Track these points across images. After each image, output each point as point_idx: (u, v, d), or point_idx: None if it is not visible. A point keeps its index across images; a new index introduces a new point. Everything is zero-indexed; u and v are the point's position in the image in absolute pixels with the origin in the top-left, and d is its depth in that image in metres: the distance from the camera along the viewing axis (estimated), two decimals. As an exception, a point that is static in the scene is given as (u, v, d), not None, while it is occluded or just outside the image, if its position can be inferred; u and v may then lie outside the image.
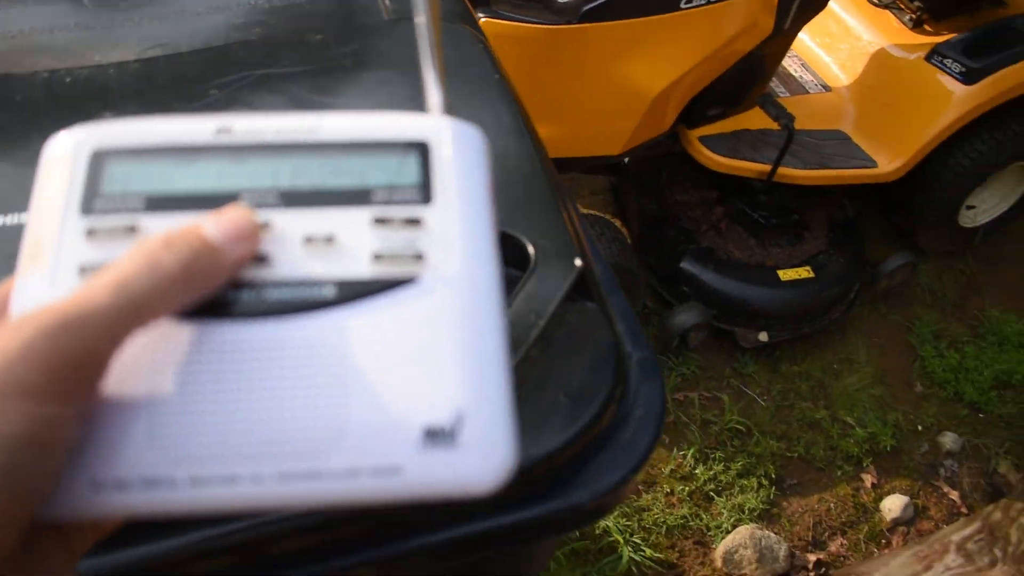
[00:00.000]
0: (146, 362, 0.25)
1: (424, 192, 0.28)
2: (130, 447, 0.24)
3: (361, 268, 0.27)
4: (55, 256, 0.26)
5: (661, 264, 1.86)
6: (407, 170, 0.28)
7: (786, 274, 1.78)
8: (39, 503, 0.23)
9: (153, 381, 0.25)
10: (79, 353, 0.22)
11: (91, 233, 0.27)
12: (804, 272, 1.80)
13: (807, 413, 1.79)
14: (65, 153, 0.28)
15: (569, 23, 1.41)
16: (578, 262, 0.53)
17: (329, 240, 0.27)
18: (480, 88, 0.68)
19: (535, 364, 0.48)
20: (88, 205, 0.27)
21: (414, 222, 0.27)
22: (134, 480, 0.24)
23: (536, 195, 0.58)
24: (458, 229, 0.27)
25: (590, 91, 1.52)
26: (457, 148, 0.29)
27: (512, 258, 0.54)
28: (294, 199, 0.27)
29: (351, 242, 0.27)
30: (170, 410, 0.24)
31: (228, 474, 0.24)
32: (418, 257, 0.27)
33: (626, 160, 1.88)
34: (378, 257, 0.27)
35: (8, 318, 0.26)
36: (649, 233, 1.92)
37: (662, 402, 0.52)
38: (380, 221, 0.27)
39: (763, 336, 1.80)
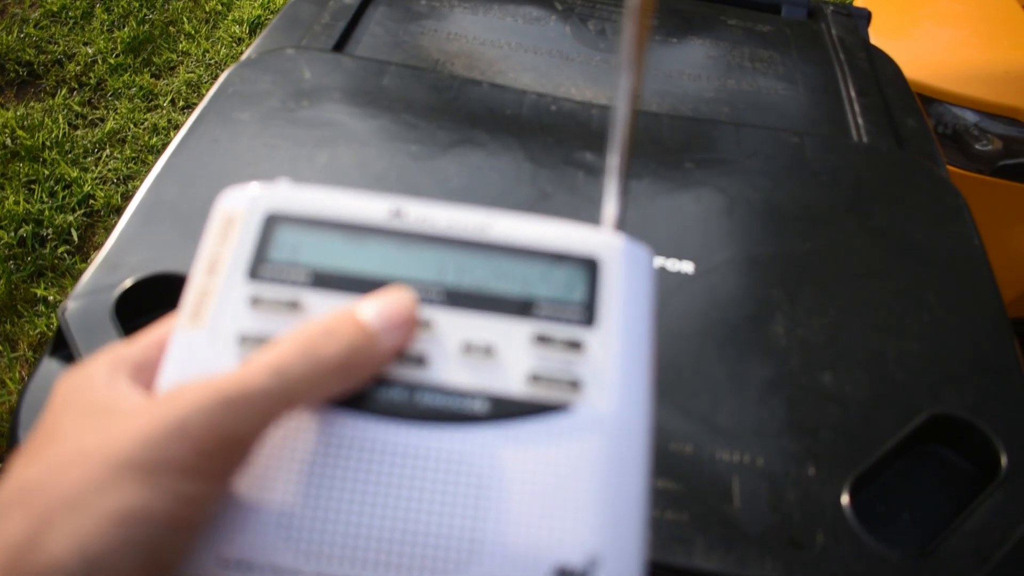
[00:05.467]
0: (286, 447, 0.25)
1: (588, 313, 0.27)
2: (261, 532, 0.24)
3: (515, 386, 0.26)
4: (216, 319, 0.27)
5: None
6: (574, 287, 0.28)
7: None
8: (168, 574, 0.23)
9: (290, 467, 0.25)
10: (231, 434, 0.23)
11: (255, 302, 0.27)
12: None
13: None
14: (238, 210, 0.28)
15: (980, 172, 1.31)
16: None
17: (488, 351, 0.26)
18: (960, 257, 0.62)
19: None
20: (255, 270, 0.27)
21: (575, 345, 0.26)
22: (261, 565, 0.24)
23: (1016, 388, 0.51)
24: (618, 360, 0.26)
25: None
26: (626, 270, 0.28)
27: (974, 456, 0.48)
28: (457, 299, 0.27)
29: (509, 356, 0.26)
30: (305, 501, 0.24)
31: None
32: (574, 384, 0.26)
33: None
34: (535, 378, 0.26)
35: (161, 373, 0.26)
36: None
37: None
38: (541, 339, 0.27)
39: None
